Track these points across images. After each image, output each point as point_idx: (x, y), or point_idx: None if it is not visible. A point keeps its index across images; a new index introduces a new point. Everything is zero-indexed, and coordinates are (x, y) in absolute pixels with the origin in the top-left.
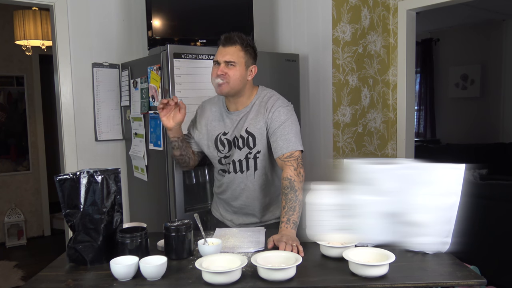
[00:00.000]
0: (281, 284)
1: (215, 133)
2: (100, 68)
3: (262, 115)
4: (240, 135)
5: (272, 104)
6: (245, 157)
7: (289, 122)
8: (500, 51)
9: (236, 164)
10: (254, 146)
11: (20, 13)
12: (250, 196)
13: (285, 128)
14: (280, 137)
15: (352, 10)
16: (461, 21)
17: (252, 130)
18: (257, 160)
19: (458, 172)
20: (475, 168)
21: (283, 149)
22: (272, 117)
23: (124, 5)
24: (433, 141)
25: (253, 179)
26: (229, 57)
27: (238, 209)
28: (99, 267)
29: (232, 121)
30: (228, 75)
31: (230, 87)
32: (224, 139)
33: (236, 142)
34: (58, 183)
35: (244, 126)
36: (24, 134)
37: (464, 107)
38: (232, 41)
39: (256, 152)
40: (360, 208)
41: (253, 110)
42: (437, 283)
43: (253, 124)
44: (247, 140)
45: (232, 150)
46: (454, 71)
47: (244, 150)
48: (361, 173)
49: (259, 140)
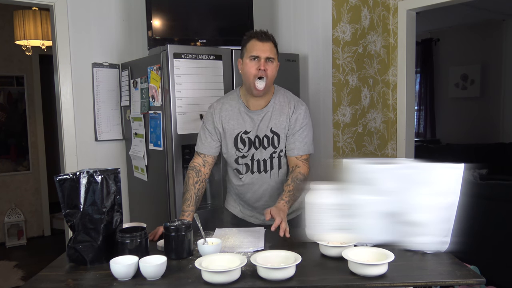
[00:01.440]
0: (280, 284)
1: (235, 132)
2: (100, 68)
3: (286, 115)
4: (265, 135)
5: (295, 105)
6: (269, 156)
7: (309, 125)
8: (500, 51)
9: (261, 163)
10: (279, 145)
11: (20, 13)
12: (273, 195)
13: (304, 131)
14: (299, 139)
15: (352, 10)
16: (461, 21)
17: (277, 130)
18: (281, 159)
19: (457, 171)
20: (475, 168)
21: (302, 151)
22: (296, 118)
23: (124, 5)
24: (433, 141)
25: (277, 178)
26: (269, 53)
27: (260, 208)
28: (99, 267)
29: (254, 120)
30: (267, 72)
31: (269, 83)
32: (245, 138)
33: (259, 142)
34: (58, 183)
35: (269, 125)
36: (24, 134)
37: (464, 107)
38: (267, 38)
39: (280, 151)
40: (360, 208)
41: (276, 109)
42: (436, 282)
43: (278, 124)
44: (272, 140)
45: (251, 149)
46: (454, 71)
47: (269, 149)
48: (361, 173)
49: (283, 139)
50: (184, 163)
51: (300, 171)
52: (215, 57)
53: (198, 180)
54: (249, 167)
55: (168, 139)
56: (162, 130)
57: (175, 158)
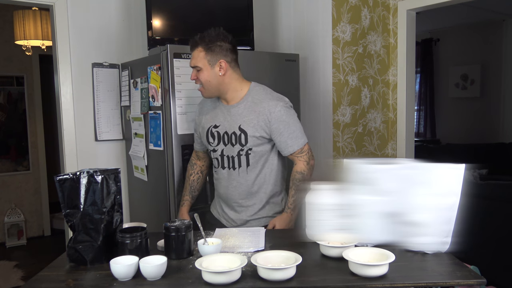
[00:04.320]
0: (281, 284)
1: (207, 125)
2: (100, 68)
3: (258, 114)
4: (233, 132)
5: (271, 105)
6: (237, 153)
7: (293, 119)
8: (500, 51)
9: (230, 160)
10: (246, 143)
11: (20, 13)
12: (242, 193)
13: (290, 126)
14: (288, 136)
15: (352, 10)
16: (461, 21)
17: (245, 128)
18: (249, 157)
19: (458, 172)
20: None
21: (294, 146)
22: (277, 118)
23: (124, 5)
24: (433, 141)
25: (246, 175)
26: (193, 62)
27: (230, 206)
28: (99, 267)
29: (224, 115)
30: (199, 80)
31: (207, 89)
32: (215, 132)
33: (227, 138)
34: (58, 183)
35: (239, 122)
36: (24, 134)
37: (464, 107)
38: (195, 44)
39: (248, 149)
40: (360, 208)
41: (246, 107)
42: (436, 283)
43: (247, 122)
44: (239, 137)
45: (220, 144)
46: (454, 71)
47: (237, 146)
48: (361, 173)
49: (251, 137)
50: (184, 163)
51: (297, 169)
52: None
53: (192, 172)
54: (219, 162)
55: (168, 139)
56: (162, 130)
57: (175, 158)
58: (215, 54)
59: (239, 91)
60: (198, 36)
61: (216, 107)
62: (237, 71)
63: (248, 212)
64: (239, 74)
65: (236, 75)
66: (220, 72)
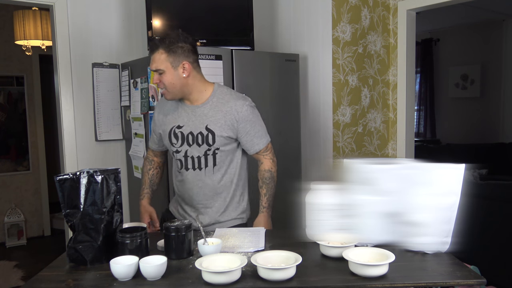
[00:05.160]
0: (281, 284)
1: (169, 126)
2: (100, 68)
3: (225, 114)
4: (199, 132)
5: (238, 104)
6: (204, 153)
7: (258, 118)
8: (500, 51)
9: (195, 160)
10: (214, 143)
11: (20, 13)
12: (207, 194)
13: (256, 125)
14: (255, 135)
15: (352, 10)
16: (461, 21)
17: (212, 128)
18: (216, 156)
19: (458, 172)
20: (475, 168)
21: (260, 145)
22: (242, 117)
23: (124, 5)
24: (433, 141)
25: (212, 175)
26: (155, 65)
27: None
28: (99, 267)
29: (188, 115)
30: (162, 83)
31: (170, 92)
32: (178, 133)
33: (192, 138)
34: (58, 183)
35: (205, 122)
36: (24, 134)
37: (464, 107)
38: (155, 47)
39: (215, 149)
40: (360, 208)
41: (212, 107)
42: (436, 283)
43: (214, 122)
44: (206, 137)
45: (184, 145)
46: (454, 71)
47: (204, 146)
48: (361, 173)
49: (219, 137)
50: None
51: (265, 168)
52: (215, 57)
53: (151, 167)
54: (182, 163)
55: None
56: None
57: None
58: (177, 55)
59: (204, 92)
60: (158, 39)
61: (179, 108)
62: (199, 72)
63: (212, 213)
64: (201, 74)
65: (199, 76)
66: (183, 74)
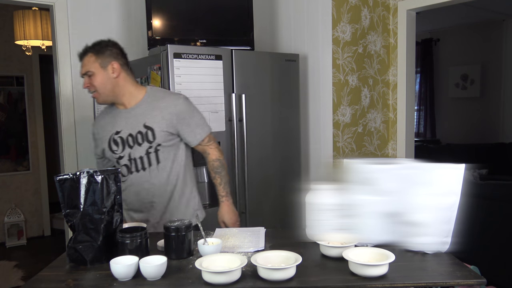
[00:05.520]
0: (281, 284)
1: (107, 135)
2: None
3: (162, 109)
4: (138, 131)
5: (173, 98)
6: (146, 152)
7: (195, 110)
8: (500, 51)
9: (138, 161)
10: (154, 139)
11: (20, 13)
12: (156, 194)
13: (195, 116)
14: (195, 125)
15: (352, 10)
16: (461, 21)
17: (151, 124)
18: (159, 153)
19: (458, 172)
20: (475, 168)
21: (202, 134)
22: (180, 110)
23: (124, 5)
24: (433, 141)
25: (157, 173)
26: (85, 69)
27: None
28: (99, 267)
29: (125, 119)
30: (93, 85)
31: (102, 94)
32: (117, 138)
33: (132, 139)
34: (58, 183)
35: (142, 121)
36: (24, 134)
37: (464, 107)
38: (84, 52)
39: (156, 145)
40: (360, 208)
41: (148, 106)
42: (436, 283)
43: (151, 118)
44: (146, 135)
45: (126, 149)
46: (454, 71)
47: (145, 145)
48: (361, 173)
49: (159, 132)
50: None
51: (212, 157)
52: (215, 57)
53: None
54: (129, 168)
55: None
56: None
57: None
58: (105, 56)
59: (136, 94)
60: (86, 46)
61: (115, 115)
62: (130, 75)
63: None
64: (133, 78)
65: (131, 79)
66: (113, 74)
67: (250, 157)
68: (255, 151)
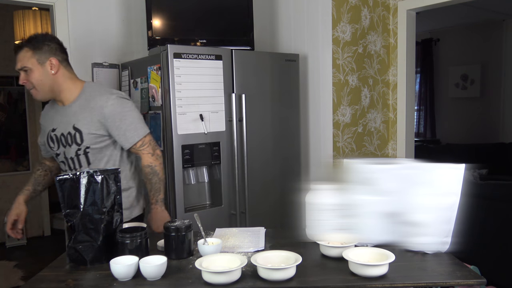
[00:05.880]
0: (281, 284)
1: (47, 130)
2: (100, 68)
3: (91, 111)
4: (68, 132)
5: (102, 99)
6: (75, 154)
7: (129, 110)
8: (500, 51)
9: (70, 162)
10: (82, 142)
11: (20, 13)
12: None
13: (127, 118)
14: (126, 128)
15: (352, 10)
16: (461, 21)
17: (79, 126)
18: (89, 155)
19: (458, 172)
20: (475, 168)
21: (135, 138)
22: (109, 112)
23: (124, 5)
24: (433, 141)
25: None
26: (20, 64)
27: None
28: (99, 267)
29: (61, 117)
30: (29, 82)
31: (40, 91)
32: (53, 136)
33: (64, 139)
34: (58, 183)
35: (72, 122)
36: (24, 134)
37: (464, 107)
38: (20, 47)
39: (85, 148)
40: (360, 208)
41: (80, 106)
42: (436, 283)
43: (81, 120)
44: (74, 137)
45: (60, 147)
46: (454, 71)
47: (74, 147)
48: (361, 173)
49: (86, 135)
50: (184, 163)
51: (144, 164)
52: (215, 57)
53: (40, 168)
54: (65, 166)
55: (168, 139)
56: (162, 130)
57: (175, 158)
58: (43, 52)
59: (73, 91)
60: (22, 40)
61: (55, 111)
62: (70, 71)
63: None
64: (72, 73)
65: (69, 74)
66: (52, 71)
67: (250, 157)
68: (255, 151)
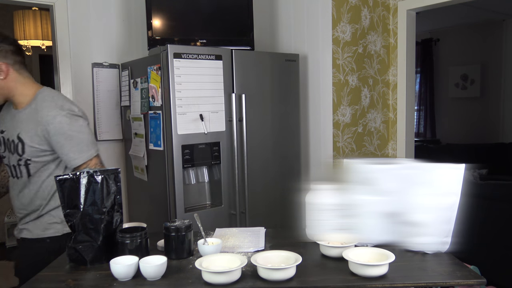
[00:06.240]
0: (281, 284)
1: None
2: (100, 68)
3: (37, 124)
4: (12, 140)
5: (50, 115)
6: (17, 163)
7: (77, 131)
8: (500, 51)
9: (12, 169)
10: (23, 153)
11: (20, 13)
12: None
13: (72, 139)
14: (70, 149)
15: (352, 10)
16: (461, 21)
17: (23, 137)
18: (29, 167)
19: (458, 172)
20: (475, 168)
21: (78, 160)
22: (54, 130)
23: (124, 5)
24: (433, 141)
25: (29, 185)
26: None
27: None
28: (99, 267)
29: (11, 120)
30: None
31: None
32: (1, 138)
33: (9, 145)
34: (58, 183)
35: (18, 130)
36: None
37: (464, 107)
38: None
39: (26, 160)
40: (360, 208)
41: (28, 115)
42: (436, 283)
43: (25, 131)
44: (16, 146)
45: (6, 151)
46: (454, 71)
47: (15, 156)
48: (361, 173)
49: (29, 147)
50: (184, 163)
51: None
52: (215, 57)
53: (4, 169)
54: (9, 170)
55: (168, 139)
56: (162, 130)
57: (175, 158)
58: None
59: (26, 96)
60: None
61: (7, 112)
62: (23, 74)
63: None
64: (26, 77)
65: (23, 79)
66: (0, 76)
67: (250, 157)
68: (255, 151)
